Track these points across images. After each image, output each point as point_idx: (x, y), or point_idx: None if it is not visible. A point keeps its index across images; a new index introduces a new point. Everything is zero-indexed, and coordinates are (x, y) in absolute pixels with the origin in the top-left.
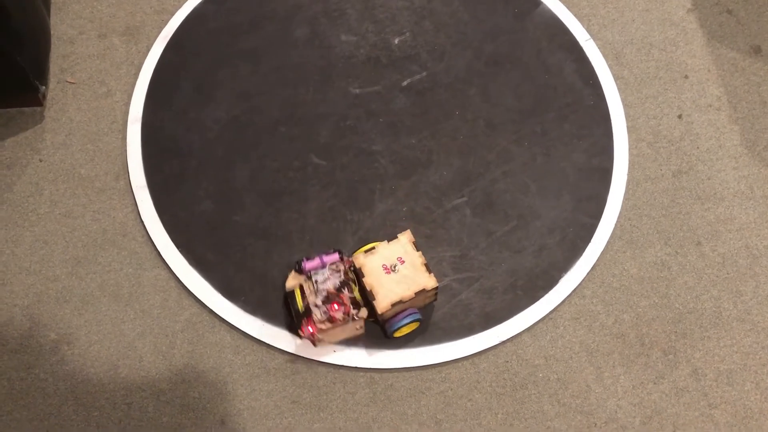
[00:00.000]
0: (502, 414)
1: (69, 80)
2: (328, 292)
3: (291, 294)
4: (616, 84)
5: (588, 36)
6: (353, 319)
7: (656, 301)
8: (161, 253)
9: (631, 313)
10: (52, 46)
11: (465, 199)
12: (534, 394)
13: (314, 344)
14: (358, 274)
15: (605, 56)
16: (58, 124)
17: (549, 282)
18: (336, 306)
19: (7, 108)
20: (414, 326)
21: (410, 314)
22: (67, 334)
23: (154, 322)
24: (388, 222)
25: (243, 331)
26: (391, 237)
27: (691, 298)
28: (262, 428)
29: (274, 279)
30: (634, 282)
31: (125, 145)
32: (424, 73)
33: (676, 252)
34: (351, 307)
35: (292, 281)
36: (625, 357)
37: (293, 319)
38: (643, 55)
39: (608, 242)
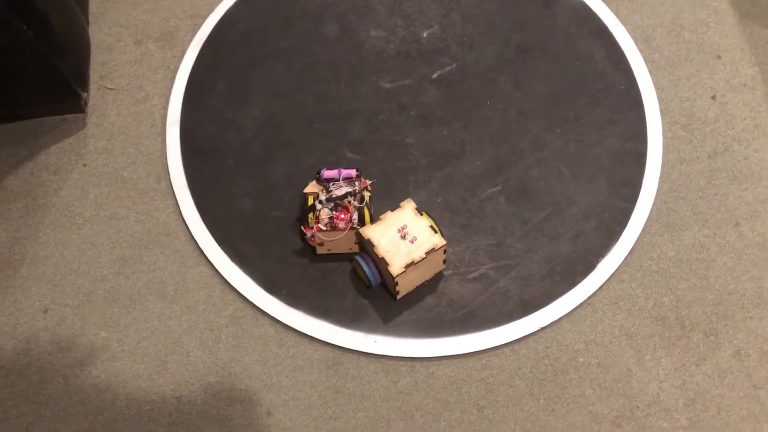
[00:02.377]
0: (544, 399)
1: (108, 86)
2: (337, 199)
3: (306, 195)
4: (648, 67)
5: (617, 21)
6: (352, 228)
7: (695, 283)
8: (204, 250)
9: (671, 296)
10: (92, 54)
11: (499, 187)
12: (575, 378)
13: (315, 249)
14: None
15: (635, 40)
16: (99, 130)
17: (586, 267)
18: (342, 216)
19: (52, 116)
20: (365, 281)
21: (371, 271)
22: (117, 331)
23: (200, 317)
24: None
25: (286, 324)
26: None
27: (732, 279)
28: (308, 418)
29: (314, 272)
30: (673, 265)
31: (165, 148)
32: (454, 65)
33: (714, 233)
34: (355, 216)
35: (311, 188)
36: (666, 340)
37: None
38: (674, 37)
39: (645, 226)
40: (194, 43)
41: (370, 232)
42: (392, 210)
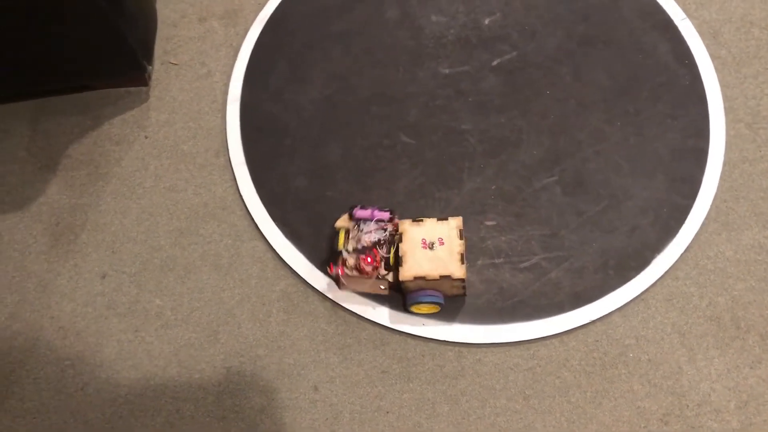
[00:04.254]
0: (591, 392)
1: (172, 62)
2: (366, 244)
3: (336, 233)
4: (713, 64)
5: (684, 15)
6: (378, 277)
7: (753, 284)
8: (259, 226)
9: (727, 296)
10: (157, 29)
11: (555, 178)
12: (624, 373)
13: (338, 286)
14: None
15: (702, 35)
16: (162, 103)
17: (641, 263)
18: (369, 260)
19: (117, 88)
20: (433, 309)
21: (431, 295)
22: (171, 300)
23: (252, 291)
24: (476, 200)
25: (335, 302)
26: (479, 214)
27: None
28: (353, 396)
29: None
30: (730, 264)
31: (225, 124)
32: (515, 53)
33: None
34: (381, 265)
35: (342, 222)
36: (720, 340)
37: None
38: (743, 33)
39: (703, 224)
40: (257, 22)
41: (410, 271)
42: (400, 243)
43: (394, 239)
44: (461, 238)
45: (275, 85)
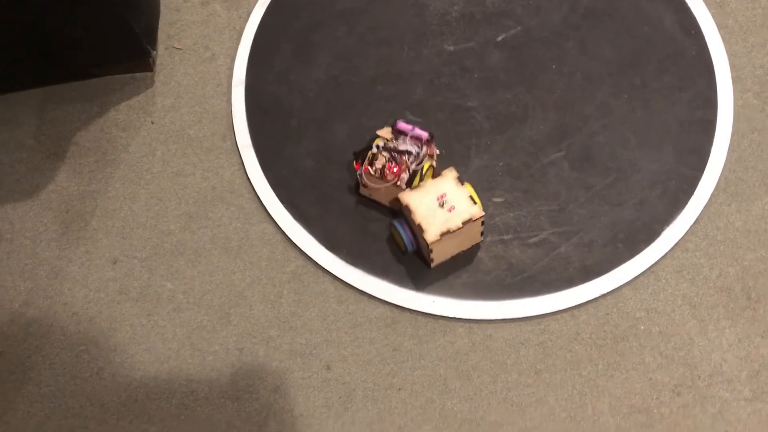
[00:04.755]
0: (603, 365)
1: (176, 46)
2: (398, 148)
3: (374, 137)
4: (720, 33)
5: None
6: (396, 185)
7: (764, 254)
8: (267, 208)
9: (737, 267)
10: (160, 14)
11: (563, 153)
12: (635, 346)
13: (360, 187)
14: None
15: (708, 5)
16: (167, 88)
17: (650, 235)
18: (394, 169)
19: (122, 74)
20: (401, 246)
21: (407, 237)
22: (183, 283)
23: (262, 273)
24: (483, 177)
25: (345, 282)
26: (487, 191)
27: None
28: (366, 373)
29: (373, 232)
30: (740, 235)
31: (230, 107)
32: (519, 28)
33: None
34: (405, 177)
35: (383, 132)
36: (731, 311)
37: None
38: (750, 2)
39: (712, 195)
40: (259, 4)
41: (408, 198)
42: (433, 177)
43: (424, 161)
44: (463, 224)
45: (280, 67)
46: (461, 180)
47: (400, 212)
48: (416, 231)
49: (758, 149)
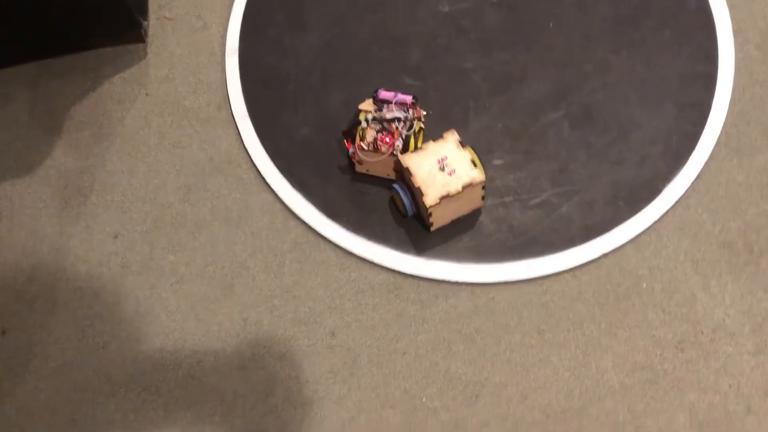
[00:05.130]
0: (606, 324)
1: (167, 16)
2: (385, 122)
3: (358, 112)
4: None
5: None
6: (392, 154)
7: (766, 208)
8: (266, 178)
9: (739, 221)
10: None
11: (562, 112)
12: (638, 304)
13: (354, 164)
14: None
15: None
16: (160, 59)
17: (652, 193)
18: (387, 139)
19: (114, 46)
20: (402, 210)
21: (407, 200)
22: (184, 255)
23: (263, 243)
24: (483, 140)
25: (347, 250)
26: (486, 154)
27: None
28: (370, 339)
29: (372, 199)
30: (742, 189)
31: (225, 77)
32: None
33: None
34: (399, 144)
35: (365, 106)
36: (733, 266)
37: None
38: None
39: (713, 150)
40: None
41: (408, 160)
42: (434, 140)
43: (414, 124)
44: (462, 188)
45: (273, 34)
46: (463, 143)
47: (402, 176)
48: (416, 194)
49: (760, 102)
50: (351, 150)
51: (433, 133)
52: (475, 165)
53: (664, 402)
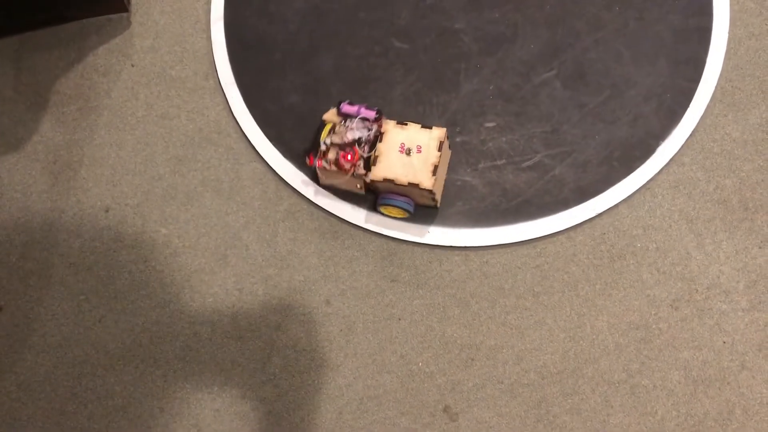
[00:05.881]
0: (600, 284)
1: None
2: (347, 140)
3: (322, 124)
4: None
5: None
6: (354, 174)
7: (761, 164)
8: (256, 147)
9: (734, 178)
10: None
11: (554, 72)
12: (632, 263)
13: (318, 180)
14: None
15: None
16: (144, 29)
17: (645, 151)
18: (348, 157)
19: (97, 16)
20: (401, 214)
21: (402, 200)
22: (177, 228)
23: (256, 213)
24: (474, 102)
25: (340, 218)
26: (478, 117)
27: None
28: (365, 306)
29: None
30: (737, 146)
31: (210, 45)
32: None
33: None
34: (360, 164)
35: (330, 116)
36: (728, 223)
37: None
38: None
39: (708, 106)
40: None
41: (380, 173)
42: (380, 142)
43: (377, 140)
44: (439, 150)
45: None
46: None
47: (376, 189)
48: (407, 191)
49: (756, 55)
50: (312, 166)
51: (427, 96)
52: (427, 128)
53: (658, 360)
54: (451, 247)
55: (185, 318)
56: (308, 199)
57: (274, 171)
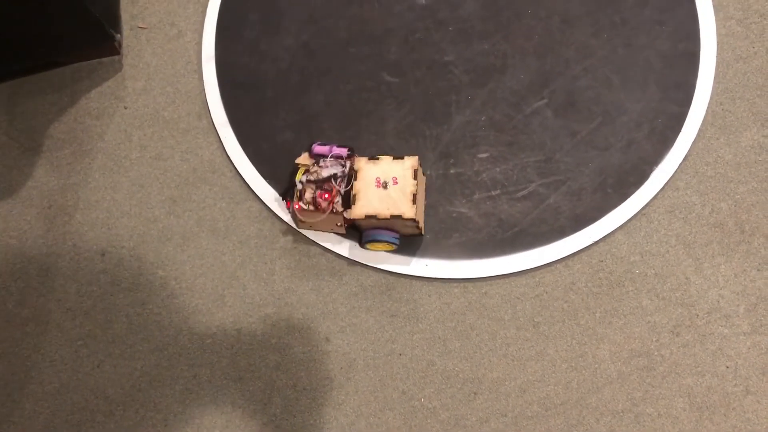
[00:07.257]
0: (600, 312)
1: (141, 26)
2: (323, 177)
3: (296, 168)
4: None
5: None
6: (333, 212)
7: (755, 186)
8: (250, 185)
9: (729, 201)
10: None
11: (545, 101)
12: (631, 290)
13: (296, 223)
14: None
15: None
16: (136, 71)
17: (640, 177)
18: (326, 195)
19: (88, 60)
20: (388, 248)
21: (387, 234)
22: (174, 269)
23: (252, 251)
24: (467, 133)
25: (337, 253)
26: (471, 148)
27: None
28: (365, 342)
29: None
30: (730, 168)
31: (203, 84)
32: None
33: None
34: (338, 201)
35: (302, 160)
36: (725, 246)
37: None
38: None
39: (700, 130)
40: None
41: (361, 210)
42: (355, 180)
43: (352, 177)
44: (415, 178)
45: (249, 38)
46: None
47: (358, 227)
48: (390, 224)
49: (744, 78)
50: (290, 209)
51: (419, 128)
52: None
53: (662, 388)
54: (449, 279)
55: (184, 361)
56: (305, 236)
57: (270, 209)
